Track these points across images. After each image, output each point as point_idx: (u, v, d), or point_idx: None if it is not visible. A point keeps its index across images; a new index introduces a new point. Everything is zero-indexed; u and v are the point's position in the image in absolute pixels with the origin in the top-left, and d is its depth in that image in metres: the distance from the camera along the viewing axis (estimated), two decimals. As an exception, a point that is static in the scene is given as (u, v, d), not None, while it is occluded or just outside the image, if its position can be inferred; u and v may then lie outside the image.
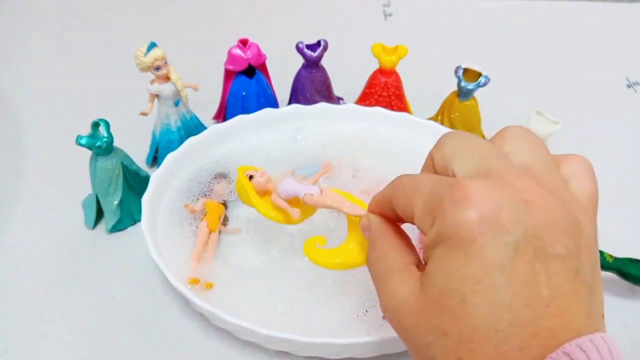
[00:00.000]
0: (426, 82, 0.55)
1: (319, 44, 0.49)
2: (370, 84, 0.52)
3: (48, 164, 0.50)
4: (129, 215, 0.43)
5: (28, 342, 0.36)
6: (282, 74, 0.53)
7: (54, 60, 0.66)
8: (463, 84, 0.47)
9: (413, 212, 0.22)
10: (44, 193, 0.47)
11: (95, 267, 0.41)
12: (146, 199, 0.38)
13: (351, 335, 0.33)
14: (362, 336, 0.31)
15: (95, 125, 0.40)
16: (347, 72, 0.55)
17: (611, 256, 0.38)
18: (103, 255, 0.41)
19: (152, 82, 0.45)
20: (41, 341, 0.36)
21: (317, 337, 0.31)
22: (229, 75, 0.50)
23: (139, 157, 0.48)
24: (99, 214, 0.43)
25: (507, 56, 0.67)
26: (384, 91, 0.51)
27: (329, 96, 0.53)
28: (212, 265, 0.38)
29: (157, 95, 0.45)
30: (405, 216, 0.24)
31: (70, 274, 0.40)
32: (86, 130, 0.40)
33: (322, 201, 0.33)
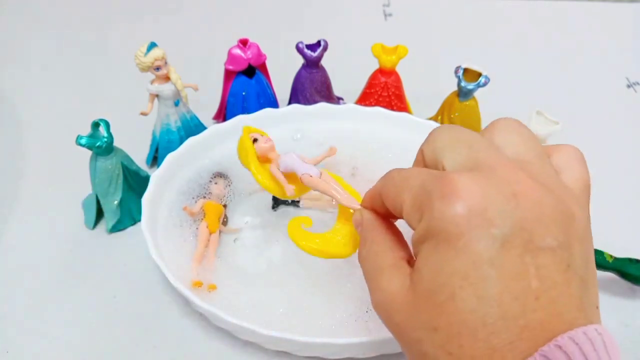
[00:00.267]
0: (426, 82, 0.55)
1: (319, 44, 0.49)
2: (370, 84, 0.52)
3: (48, 164, 0.50)
4: (129, 215, 0.43)
5: (28, 342, 0.36)
6: (282, 74, 0.53)
7: (54, 60, 0.66)
8: (463, 84, 0.47)
9: (402, 207, 0.22)
10: (44, 193, 0.47)
11: (95, 267, 0.41)
12: (146, 199, 0.38)
13: (351, 335, 0.33)
14: (362, 336, 0.31)
15: (95, 125, 0.40)
16: (347, 72, 0.54)
17: (611, 256, 0.38)
18: (103, 255, 0.41)
19: (152, 82, 0.45)
20: (41, 341, 0.36)
21: (317, 337, 0.31)
22: (229, 75, 0.50)
23: (139, 157, 0.48)
24: (99, 214, 0.43)
25: (507, 56, 0.67)
26: (384, 91, 0.51)
27: (329, 96, 0.53)
28: (214, 267, 0.38)
29: (157, 95, 0.45)
30: (394, 210, 0.23)
31: (70, 274, 0.40)
32: (86, 130, 0.40)
33: (320, 185, 0.32)
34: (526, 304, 0.18)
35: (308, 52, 0.49)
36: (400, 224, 0.27)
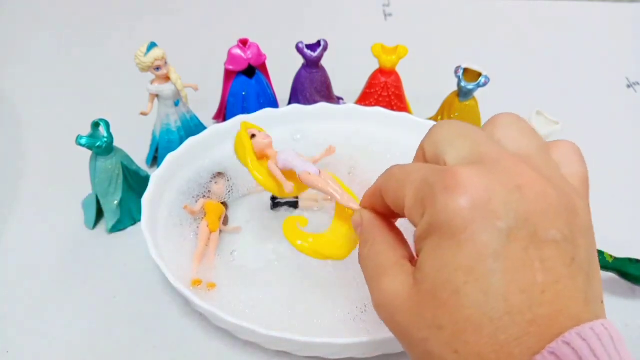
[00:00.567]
0: (426, 82, 0.55)
1: (319, 44, 0.49)
2: (370, 84, 0.52)
3: (48, 164, 0.50)
4: (129, 215, 0.43)
5: (28, 342, 0.36)
6: (282, 74, 0.53)
7: (54, 60, 0.66)
8: (463, 84, 0.47)
9: (403, 202, 0.22)
10: (44, 193, 0.47)
11: (95, 267, 0.41)
12: (146, 199, 0.38)
13: (351, 335, 0.33)
14: (362, 336, 0.31)
15: (95, 125, 0.40)
16: (347, 72, 0.54)
17: (611, 256, 0.38)
18: (103, 255, 0.41)
19: (152, 82, 0.45)
20: (41, 341, 0.36)
21: (317, 337, 0.31)
22: (229, 75, 0.50)
23: (139, 157, 0.48)
24: (99, 214, 0.43)
25: (507, 56, 0.67)
26: (384, 91, 0.51)
27: (329, 96, 0.53)
28: (214, 265, 0.38)
29: (157, 95, 0.45)
30: (395, 207, 0.23)
31: (70, 274, 0.40)
32: (86, 130, 0.40)
33: (318, 183, 0.31)
34: (532, 298, 0.17)
35: (308, 52, 0.49)
36: (399, 224, 0.27)
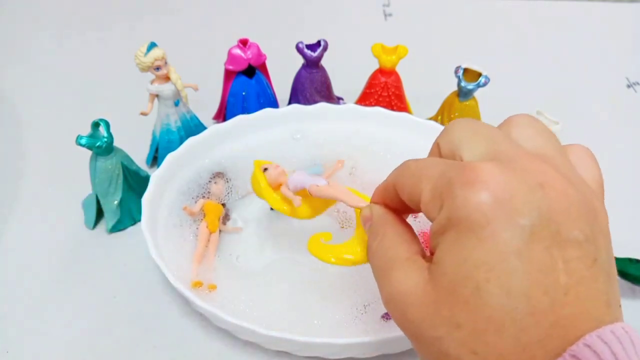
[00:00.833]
0: (426, 82, 0.55)
1: (319, 44, 0.49)
2: (370, 84, 0.52)
3: (48, 164, 0.50)
4: (129, 215, 0.43)
5: (28, 342, 0.36)
6: (282, 74, 0.53)
7: (54, 60, 0.66)
8: (463, 84, 0.47)
9: (420, 197, 0.21)
10: (44, 193, 0.47)
11: (95, 267, 0.41)
12: (146, 199, 0.38)
13: (351, 335, 0.33)
14: (362, 336, 0.31)
15: (95, 125, 0.40)
16: (347, 72, 0.54)
17: (611, 256, 0.38)
18: (103, 255, 0.41)
19: (152, 82, 0.45)
20: (41, 341, 0.36)
21: (317, 337, 0.31)
22: (229, 75, 0.50)
23: (139, 157, 0.48)
24: (99, 214, 0.43)
25: (507, 56, 0.67)
26: (384, 91, 0.51)
27: (329, 96, 0.53)
28: (214, 266, 0.38)
29: (157, 95, 0.45)
30: (410, 201, 0.22)
31: (70, 274, 0.40)
32: (86, 130, 0.40)
33: (327, 191, 0.32)
34: (555, 299, 0.17)
35: (308, 52, 0.49)
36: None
